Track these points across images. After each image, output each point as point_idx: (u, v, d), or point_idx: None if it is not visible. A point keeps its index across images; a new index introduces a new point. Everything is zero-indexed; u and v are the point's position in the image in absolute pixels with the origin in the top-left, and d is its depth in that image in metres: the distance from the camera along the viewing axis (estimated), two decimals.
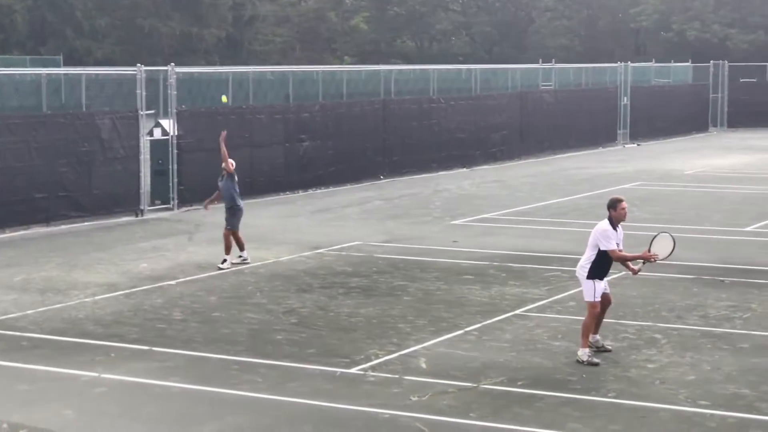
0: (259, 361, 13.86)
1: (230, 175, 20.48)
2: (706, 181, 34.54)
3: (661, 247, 13.75)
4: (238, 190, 20.58)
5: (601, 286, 13.82)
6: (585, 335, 13.81)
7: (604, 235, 13.67)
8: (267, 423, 11.60)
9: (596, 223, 14.06)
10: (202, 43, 72.22)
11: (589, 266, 13.75)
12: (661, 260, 13.84)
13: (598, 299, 13.78)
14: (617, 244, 13.72)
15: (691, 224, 24.80)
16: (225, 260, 20.13)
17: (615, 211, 13.79)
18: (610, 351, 14.11)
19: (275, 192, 31.03)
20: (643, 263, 13.96)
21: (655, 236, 13.94)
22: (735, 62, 60.95)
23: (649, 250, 13.77)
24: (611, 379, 13.05)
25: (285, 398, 12.34)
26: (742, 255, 21.47)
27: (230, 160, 20.56)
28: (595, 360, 13.61)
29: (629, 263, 14.00)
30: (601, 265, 13.75)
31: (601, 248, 13.65)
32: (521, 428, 11.34)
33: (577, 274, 14.10)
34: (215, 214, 22.73)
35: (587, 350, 13.73)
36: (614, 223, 13.78)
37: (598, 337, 14.12)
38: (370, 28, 79.61)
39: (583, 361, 13.61)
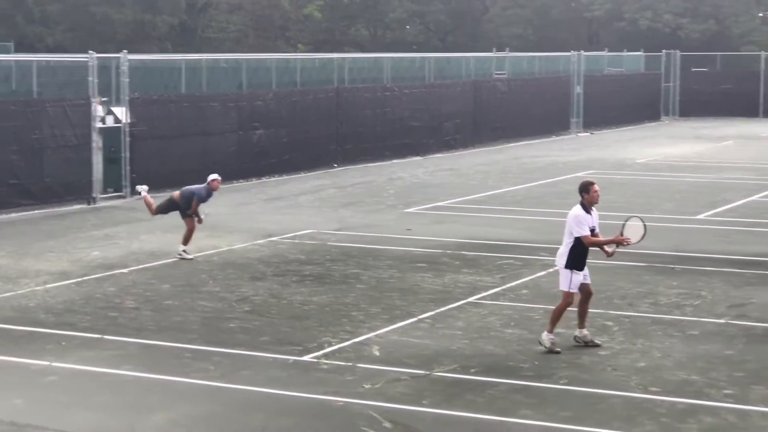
0: (211, 349, 13.82)
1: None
2: (658, 170, 34.80)
3: (633, 232, 13.84)
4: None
5: (578, 278, 13.72)
6: (553, 321, 13.77)
7: (576, 221, 13.63)
8: (220, 411, 11.56)
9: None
10: (155, 30, 71.76)
11: (567, 254, 13.69)
12: (633, 244, 13.90)
13: (574, 290, 13.71)
14: (593, 228, 13.72)
15: (642, 212, 24.87)
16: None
17: (588, 195, 13.75)
18: (599, 346, 13.95)
19: (228, 180, 30.77)
20: (617, 247, 14.01)
21: (627, 221, 14.03)
22: (687, 52, 61.37)
23: (621, 234, 13.84)
24: (563, 366, 13.12)
25: (238, 386, 12.32)
26: (693, 243, 21.66)
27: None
28: (557, 349, 13.61)
29: (604, 246, 14.00)
30: (578, 253, 13.69)
31: (574, 234, 13.60)
32: (474, 415, 11.38)
33: (556, 263, 14.08)
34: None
35: (552, 336, 13.71)
36: (588, 208, 13.76)
37: (585, 332, 14.02)
38: (324, 17, 79.34)
39: (545, 347, 13.63)
